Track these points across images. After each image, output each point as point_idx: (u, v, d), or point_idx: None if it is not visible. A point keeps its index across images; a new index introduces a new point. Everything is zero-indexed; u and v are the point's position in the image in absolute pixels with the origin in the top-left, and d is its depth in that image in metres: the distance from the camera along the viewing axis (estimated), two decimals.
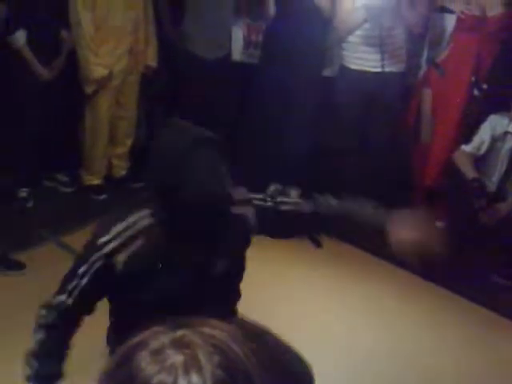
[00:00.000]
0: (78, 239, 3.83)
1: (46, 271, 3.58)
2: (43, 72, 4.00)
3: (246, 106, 4.48)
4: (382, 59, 3.78)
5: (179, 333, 0.90)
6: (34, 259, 3.66)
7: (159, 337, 0.90)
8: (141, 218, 1.94)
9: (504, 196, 3.78)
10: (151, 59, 4.32)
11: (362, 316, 3.46)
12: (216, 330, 0.91)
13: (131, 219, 1.94)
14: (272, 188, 4.47)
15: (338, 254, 3.91)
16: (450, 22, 3.97)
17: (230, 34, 4.44)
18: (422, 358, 3.21)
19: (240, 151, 4.51)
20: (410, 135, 4.12)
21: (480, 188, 3.73)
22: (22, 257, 3.65)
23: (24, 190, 4.17)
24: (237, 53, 4.49)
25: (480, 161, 3.83)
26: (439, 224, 4.19)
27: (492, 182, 3.82)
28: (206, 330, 0.91)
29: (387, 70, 3.81)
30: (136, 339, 0.91)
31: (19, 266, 3.58)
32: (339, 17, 3.84)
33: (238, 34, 4.50)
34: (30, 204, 4.15)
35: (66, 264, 3.41)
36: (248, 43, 4.47)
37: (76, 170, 4.44)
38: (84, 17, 3.94)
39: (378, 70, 3.81)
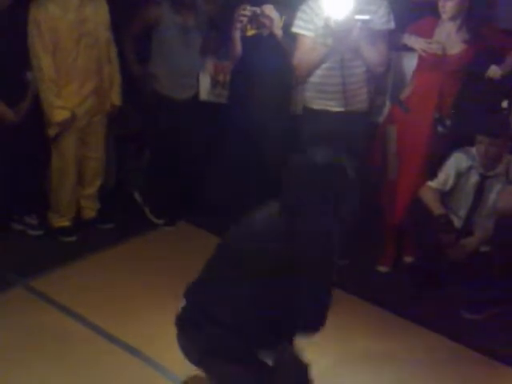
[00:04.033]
0: (47, 283, 3.90)
1: (15, 316, 3.62)
2: (9, 115, 4.06)
3: (214, 145, 4.58)
4: (344, 98, 3.87)
5: None
6: (1, 304, 3.72)
7: None
8: None
9: (471, 231, 3.88)
10: (116, 98, 4.41)
11: (334, 353, 3.53)
12: None
13: None
14: None
15: None
16: (412, 60, 4.10)
17: (197, 74, 4.53)
18: None
19: (208, 189, 4.61)
20: (376, 172, 4.21)
21: (447, 224, 3.83)
22: None
23: None
24: (204, 93, 4.57)
25: (446, 196, 3.95)
26: (408, 260, 4.31)
27: (459, 217, 3.93)
28: None
29: (349, 109, 3.90)
30: None
31: None
32: (297, 56, 3.93)
33: (206, 74, 4.59)
34: None
35: (35, 308, 3.47)
36: (215, 83, 4.57)
37: (44, 212, 4.48)
38: (44, 60, 4.03)
39: (341, 109, 3.90)
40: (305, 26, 3.89)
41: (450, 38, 3.96)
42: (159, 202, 4.72)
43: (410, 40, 4.03)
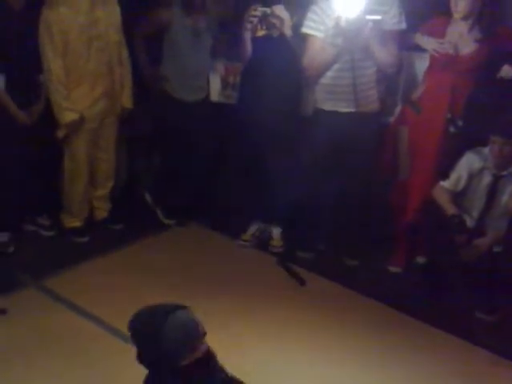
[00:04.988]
0: (59, 283, 3.93)
1: (28, 316, 3.65)
2: (22, 117, 4.10)
3: (225, 146, 4.59)
4: (355, 99, 3.88)
5: None
6: (15, 304, 3.76)
7: None
8: None
9: (483, 231, 3.88)
10: (127, 101, 4.44)
11: (348, 354, 3.54)
12: None
13: None
14: (254, 227, 4.60)
15: (321, 292, 4.01)
16: (424, 60, 4.10)
17: (208, 76, 4.55)
18: None
19: (220, 191, 4.61)
20: (388, 172, 4.22)
21: (460, 224, 3.84)
22: (3, 302, 3.74)
23: (4, 234, 4.26)
24: (215, 94, 4.59)
25: (459, 196, 3.96)
26: (420, 260, 4.31)
27: (472, 217, 3.93)
28: None
29: (360, 110, 3.91)
30: None
31: (0, 312, 3.62)
32: (308, 57, 3.94)
33: (216, 75, 4.60)
34: (10, 249, 4.22)
35: (47, 308, 3.47)
36: (226, 84, 4.58)
37: (57, 212, 4.52)
38: (53, 62, 4.06)
39: (352, 110, 3.91)
40: (315, 27, 3.91)
41: (462, 38, 3.97)
42: (169, 202, 4.75)
43: (422, 40, 4.04)
